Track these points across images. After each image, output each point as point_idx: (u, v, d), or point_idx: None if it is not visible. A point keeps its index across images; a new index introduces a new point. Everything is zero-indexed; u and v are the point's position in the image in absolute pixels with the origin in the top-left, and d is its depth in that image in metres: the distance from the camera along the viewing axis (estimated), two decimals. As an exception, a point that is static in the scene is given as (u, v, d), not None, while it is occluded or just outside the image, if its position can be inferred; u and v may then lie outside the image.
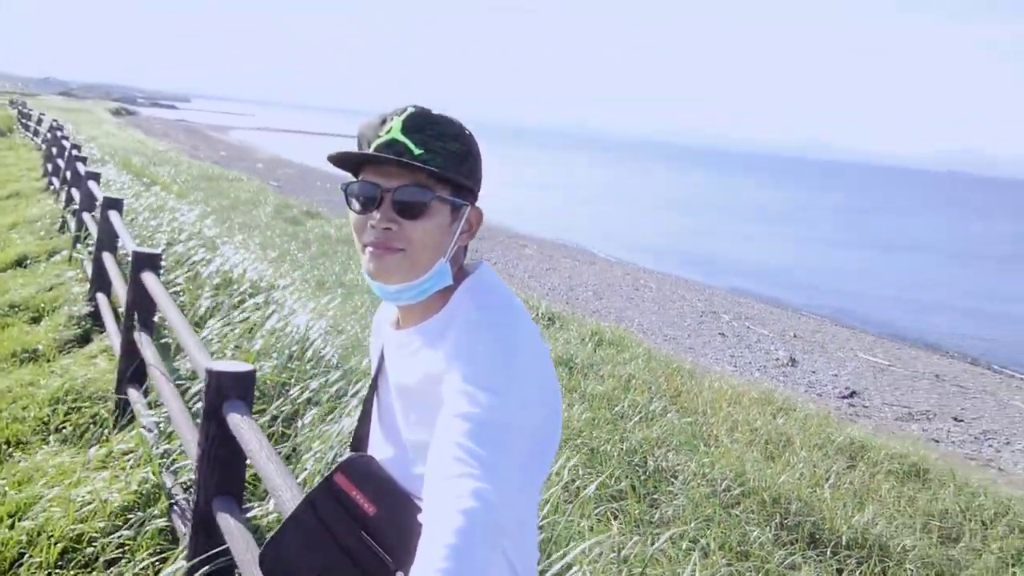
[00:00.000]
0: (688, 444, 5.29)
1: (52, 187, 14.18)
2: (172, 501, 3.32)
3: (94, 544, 3.19)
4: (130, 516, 3.31)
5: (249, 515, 2.99)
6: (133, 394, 4.34)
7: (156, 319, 4.70)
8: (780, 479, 4.97)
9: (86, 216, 8.14)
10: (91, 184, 8.49)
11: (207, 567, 2.57)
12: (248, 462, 2.56)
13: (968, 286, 25.62)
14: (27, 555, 3.15)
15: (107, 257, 6.19)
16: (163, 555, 3.08)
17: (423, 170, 1.33)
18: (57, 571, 3.09)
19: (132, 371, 4.47)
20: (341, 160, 1.40)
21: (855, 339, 15.50)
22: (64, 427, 4.43)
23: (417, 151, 1.34)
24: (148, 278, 4.43)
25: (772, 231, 36.97)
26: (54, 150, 15.22)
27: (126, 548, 3.17)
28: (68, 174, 11.30)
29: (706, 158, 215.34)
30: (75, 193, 9.43)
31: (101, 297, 6.21)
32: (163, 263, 6.32)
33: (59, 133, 16.29)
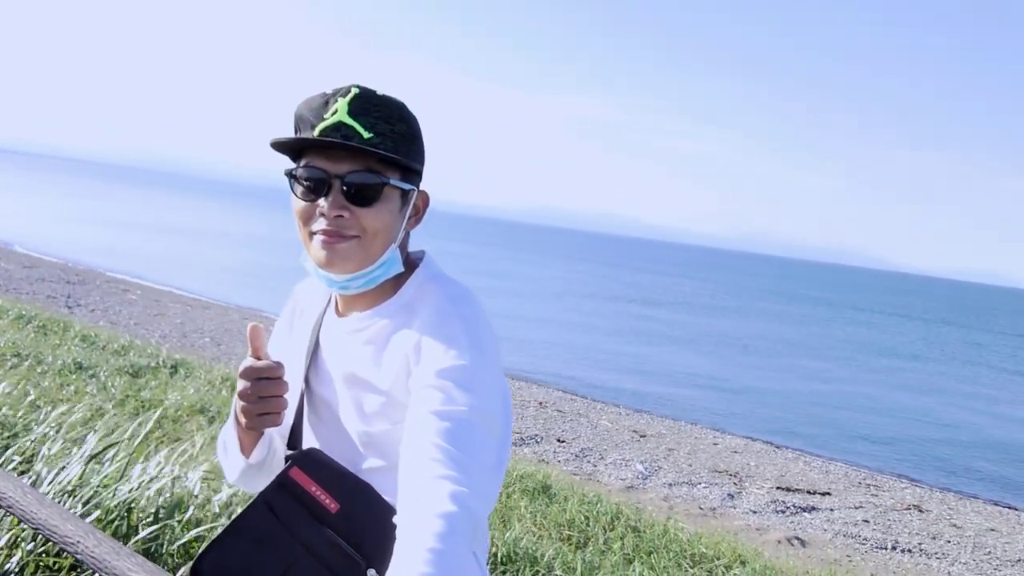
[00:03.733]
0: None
1: None
2: None
3: None
4: None
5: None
6: None
7: None
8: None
9: None
10: None
11: None
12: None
13: (556, 322, 28.89)
14: None
15: None
16: None
17: (374, 155, 1.27)
18: None
19: None
20: (284, 145, 1.31)
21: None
22: None
23: (367, 135, 1.27)
24: None
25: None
26: None
27: None
28: None
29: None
30: None
31: None
32: None
33: None
